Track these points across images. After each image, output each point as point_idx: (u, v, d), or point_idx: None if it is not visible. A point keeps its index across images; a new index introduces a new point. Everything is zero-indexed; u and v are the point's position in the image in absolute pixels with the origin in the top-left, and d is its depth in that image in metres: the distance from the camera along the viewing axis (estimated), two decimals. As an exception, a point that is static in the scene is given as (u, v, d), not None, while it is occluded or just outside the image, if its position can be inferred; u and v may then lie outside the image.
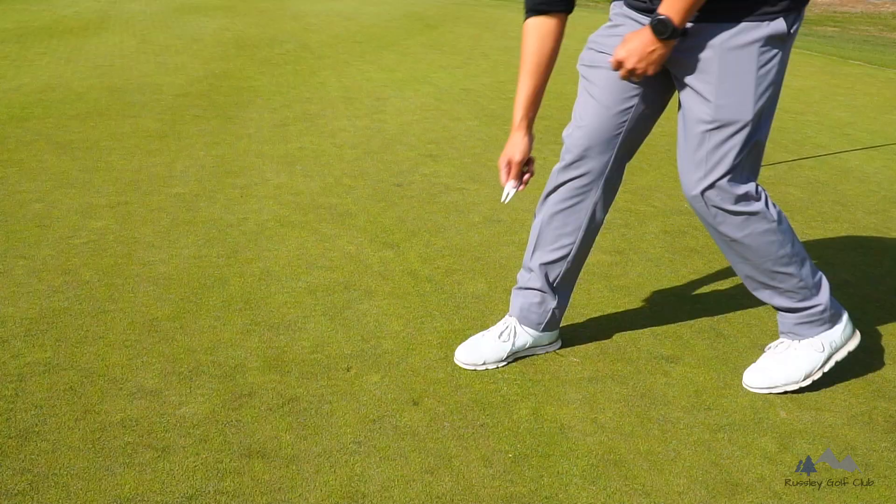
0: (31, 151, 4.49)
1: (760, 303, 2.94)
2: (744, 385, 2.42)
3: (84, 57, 7.43)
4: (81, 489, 1.92)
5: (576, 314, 2.83)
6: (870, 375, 2.51)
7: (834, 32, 10.56)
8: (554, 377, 2.45)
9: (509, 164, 2.37)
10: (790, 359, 2.40)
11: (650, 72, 2.12)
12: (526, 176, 2.42)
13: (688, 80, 2.15)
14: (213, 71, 6.95)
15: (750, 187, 2.20)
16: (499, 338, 2.50)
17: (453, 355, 2.51)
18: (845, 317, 2.43)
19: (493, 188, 4.06)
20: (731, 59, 2.07)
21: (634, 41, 2.08)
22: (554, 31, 2.25)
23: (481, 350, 2.48)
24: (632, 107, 2.27)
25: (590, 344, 2.65)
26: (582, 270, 2.53)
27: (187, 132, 4.99)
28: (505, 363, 2.49)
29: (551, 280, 2.47)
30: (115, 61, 7.26)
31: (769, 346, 2.49)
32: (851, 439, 2.20)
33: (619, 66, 2.14)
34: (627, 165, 2.42)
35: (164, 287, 2.93)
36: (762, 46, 2.06)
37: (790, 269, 2.31)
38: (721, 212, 2.21)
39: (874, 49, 9.95)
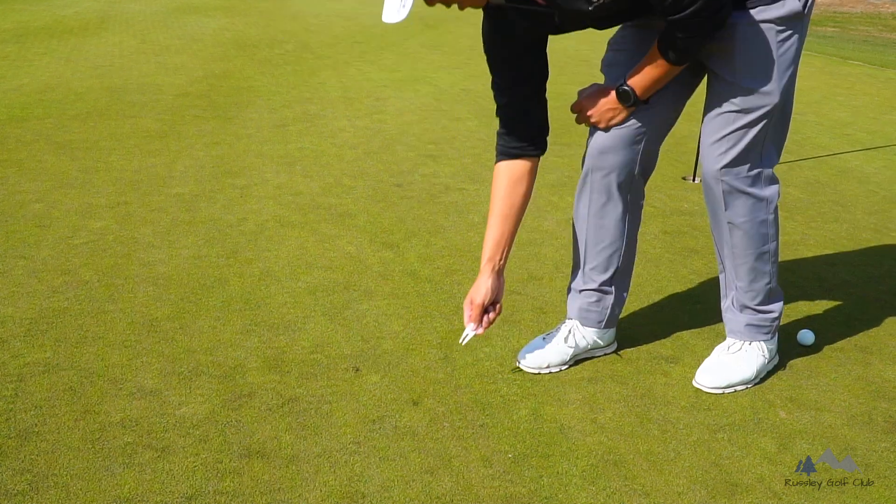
0: (31, 152, 4.49)
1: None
2: (696, 385, 2.42)
3: (84, 57, 7.43)
4: (81, 489, 1.91)
5: (576, 314, 2.82)
6: (870, 376, 2.51)
7: (834, 32, 10.56)
8: (554, 377, 2.45)
9: (471, 304, 2.32)
10: (743, 359, 2.43)
11: (602, 126, 2.26)
12: (488, 316, 2.33)
13: (711, 63, 2.18)
14: (213, 71, 6.95)
15: (770, 171, 2.27)
16: (564, 342, 2.47)
17: (454, 355, 2.51)
18: (777, 335, 2.52)
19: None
20: (750, 40, 2.10)
21: (598, 97, 2.23)
22: (526, 175, 2.32)
23: (546, 355, 2.46)
24: (656, 100, 2.26)
25: (590, 344, 2.64)
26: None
27: (187, 132, 4.99)
28: (567, 366, 2.48)
29: (606, 276, 2.46)
30: (115, 61, 7.26)
31: (719, 347, 2.51)
32: (851, 440, 2.20)
33: (578, 110, 2.28)
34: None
35: (164, 287, 2.93)
36: (779, 26, 2.09)
37: (767, 268, 2.38)
38: (736, 192, 2.25)
39: (874, 49, 9.95)
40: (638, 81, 2.17)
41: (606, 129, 2.28)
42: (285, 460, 2.04)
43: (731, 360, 2.42)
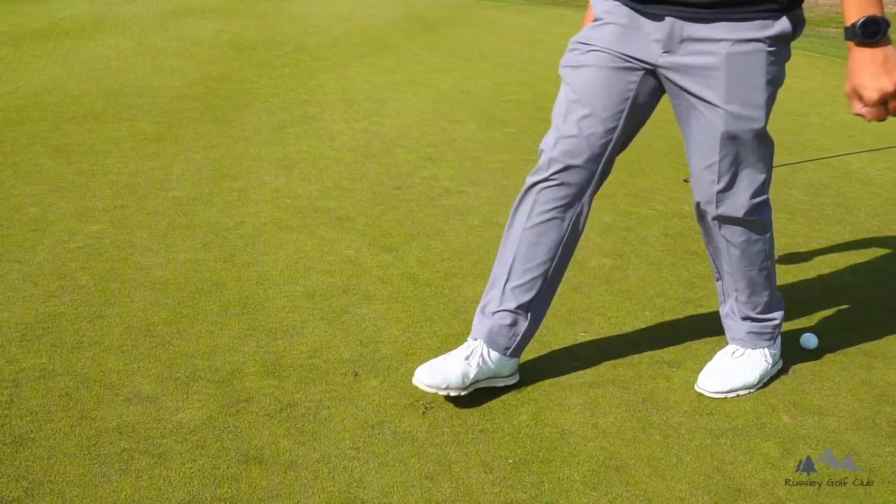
0: (27, 155, 4.46)
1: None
2: (699, 390, 2.39)
3: (80, 60, 7.41)
4: (77, 496, 1.89)
5: (576, 318, 2.81)
6: (873, 380, 2.49)
7: (836, 33, 10.55)
8: (554, 381, 2.43)
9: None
10: (746, 364, 2.40)
11: None
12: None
13: (692, 86, 2.05)
14: (211, 73, 6.93)
15: (765, 195, 2.19)
16: (465, 360, 2.26)
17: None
18: (780, 339, 2.49)
19: (493, 191, 4.04)
20: (737, 61, 1.99)
21: (872, 66, 1.83)
22: None
23: (445, 372, 2.22)
24: (623, 110, 2.11)
25: (590, 348, 2.62)
26: (583, 274, 2.50)
27: (184, 135, 4.97)
28: (465, 391, 2.26)
29: (526, 300, 2.27)
30: (112, 64, 7.24)
31: (721, 352, 2.48)
32: (855, 444, 2.19)
33: (879, 103, 1.85)
34: (627, 169, 2.39)
35: (161, 291, 2.91)
36: (770, 47, 2.00)
37: (766, 280, 2.34)
38: (734, 219, 2.19)
39: (873, 51, 9.92)
40: (859, 4, 1.83)
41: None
42: (283, 466, 2.02)
43: (734, 365, 2.40)
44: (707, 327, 2.76)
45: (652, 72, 2.10)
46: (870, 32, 1.82)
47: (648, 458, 2.10)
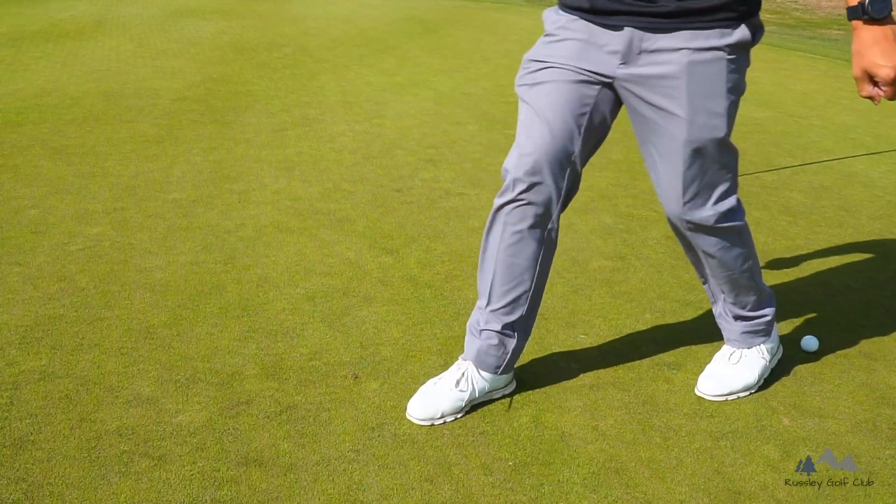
0: (27, 157, 4.46)
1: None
2: (699, 394, 2.39)
3: (80, 61, 7.41)
4: (77, 498, 1.89)
5: (576, 320, 2.80)
6: (874, 382, 2.49)
7: (838, 35, 10.55)
8: (555, 384, 2.42)
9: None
10: (745, 365, 2.41)
11: None
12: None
13: (652, 97, 2.02)
14: (211, 75, 6.93)
15: (733, 201, 2.16)
16: (456, 386, 2.25)
17: (454, 362, 2.47)
18: (776, 328, 2.49)
19: (494, 193, 4.03)
20: (697, 70, 1.96)
21: (884, 43, 1.79)
22: None
23: (437, 402, 2.23)
24: (582, 125, 2.07)
25: (591, 350, 2.62)
26: (583, 276, 2.50)
27: (184, 137, 4.96)
28: (462, 414, 2.26)
29: (511, 319, 2.26)
30: (112, 66, 7.23)
31: (719, 354, 2.48)
32: (855, 447, 2.18)
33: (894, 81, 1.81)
34: (628, 171, 2.38)
35: (161, 294, 2.91)
36: (729, 55, 1.96)
37: (752, 281, 2.33)
38: (705, 228, 2.17)
39: (874, 53, 9.91)
40: None
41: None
42: (283, 468, 2.02)
43: (733, 367, 2.41)
44: (707, 330, 2.76)
45: (609, 85, 2.06)
46: (878, 9, 1.77)
47: (648, 460, 2.10)
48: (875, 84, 1.84)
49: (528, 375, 2.46)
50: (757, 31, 2.02)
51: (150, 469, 2.00)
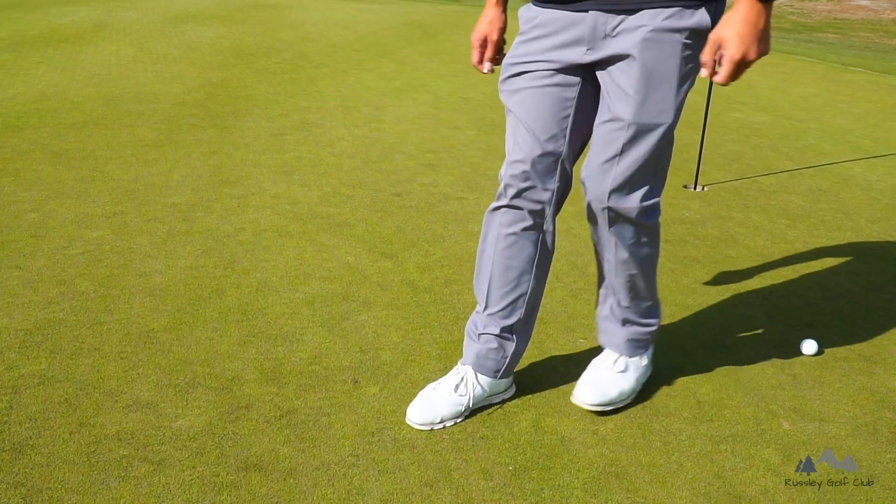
0: (27, 161, 4.47)
1: (764, 313, 2.92)
2: (574, 402, 2.31)
3: (80, 66, 7.41)
4: (76, 503, 1.89)
5: (576, 324, 2.80)
6: (874, 385, 2.49)
7: (835, 39, 10.57)
8: (555, 388, 2.42)
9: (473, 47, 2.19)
10: (626, 375, 2.35)
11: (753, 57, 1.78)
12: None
13: (608, 72, 1.99)
14: (211, 80, 6.93)
15: (658, 200, 2.13)
16: (455, 391, 2.26)
17: (454, 366, 2.48)
18: (652, 348, 2.46)
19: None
20: (651, 48, 1.92)
21: (755, 26, 1.74)
22: None
23: (436, 407, 2.23)
24: (567, 126, 2.08)
25: (590, 354, 2.62)
26: (582, 280, 2.49)
27: (184, 141, 4.97)
28: (462, 418, 2.26)
29: (509, 323, 2.26)
30: (112, 70, 7.24)
31: (599, 360, 2.40)
32: (855, 450, 2.18)
33: (737, 66, 1.77)
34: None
35: (161, 298, 2.91)
36: (686, 39, 1.92)
37: (650, 286, 2.30)
38: (622, 220, 2.12)
39: (875, 56, 9.96)
40: None
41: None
42: (283, 473, 2.01)
43: (615, 375, 2.34)
44: (707, 334, 2.76)
45: (584, 76, 2.05)
46: None
47: (649, 464, 2.10)
48: (717, 59, 1.80)
49: (527, 380, 2.46)
50: (717, 15, 1.96)
51: (150, 474, 2.00)
